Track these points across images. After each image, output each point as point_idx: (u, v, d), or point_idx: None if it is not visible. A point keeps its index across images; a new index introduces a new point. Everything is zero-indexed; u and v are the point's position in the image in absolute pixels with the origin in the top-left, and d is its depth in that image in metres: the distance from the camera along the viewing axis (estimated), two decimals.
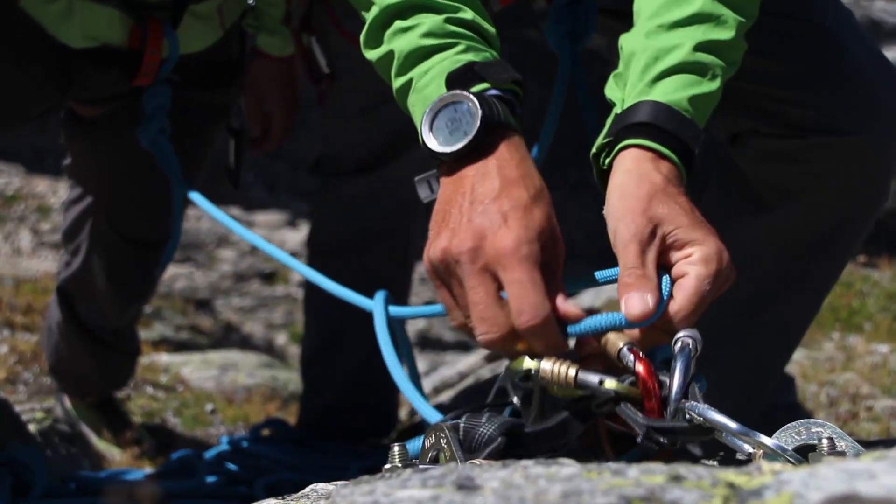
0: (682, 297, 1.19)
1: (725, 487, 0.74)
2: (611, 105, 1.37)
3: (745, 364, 2.02)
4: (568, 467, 0.82)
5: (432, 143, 1.27)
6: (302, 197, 5.67)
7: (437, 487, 0.78)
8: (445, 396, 3.27)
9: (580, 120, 1.75)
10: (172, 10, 2.15)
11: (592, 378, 1.17)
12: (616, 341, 1.19)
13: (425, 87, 1.32)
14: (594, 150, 1.34)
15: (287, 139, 2.68)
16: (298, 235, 5.24)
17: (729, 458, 1.36)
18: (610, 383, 1.16)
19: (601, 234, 1.28)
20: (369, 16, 1.40)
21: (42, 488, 2.25)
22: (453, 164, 1.26)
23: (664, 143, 1.26)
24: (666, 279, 1.21)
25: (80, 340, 2.81)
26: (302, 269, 2.02)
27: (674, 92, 1.30)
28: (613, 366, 1.19)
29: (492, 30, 1.37)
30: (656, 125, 1.27)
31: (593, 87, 1.75)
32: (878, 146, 1.77)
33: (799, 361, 3.87)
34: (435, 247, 1.22)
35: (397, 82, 1.36)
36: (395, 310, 1.67)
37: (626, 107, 1.31)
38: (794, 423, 1.12)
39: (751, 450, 1.08)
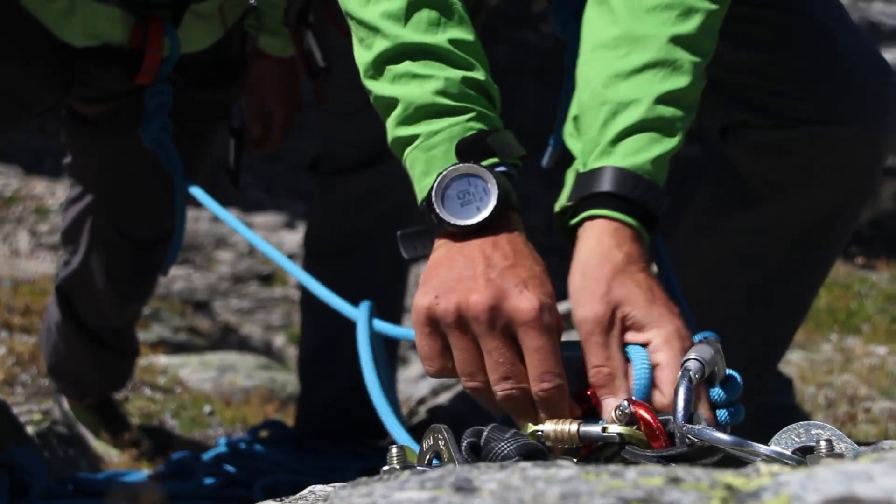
0: (666, 390, 1.20)
1: (723, 489, 0.74)
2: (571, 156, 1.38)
3: (740, 360, 2.02)
4: (566, 469, 0.82)
5: (442, 212, 1.26)
6: (300, 198, 5.67)
7: (435, 489, 0.78)
8: (444, 398, 3.27)
9: (549, 109, 1.75)
10: (174, 9, 2.16)
11: (595, 428, 1.18)
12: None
13: (431, 149, 1.30)
14: (557, 208, 1.35)
15: (287, 139, 2.68)
16: (296, 237, 5.24)
17: (720, 460, 1.36)
18: (613, 428, 1.16)
19: None
20: (375, 47, 1.35)
21: (40, 490, 2.25)
22: (459, 234, 1.27)
23: (628, 212, 1.27)
24: (641, 353, 1.22)
25: (79, 340, 2.81)
26: (292, 269, 2.02)
27: (635, 154, 1.30)
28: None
29: (497, 91, 1.35)
30: (619, 195, 1.28)
31: None
32: (870, 137, 1.79)
33: (797, 363, 3.87)
34: (447, 300, 1.22)
35: (399, 131, 1.33)
36: (378, 325, 1.66)
37: (587, 168, 1.32)
38: (793, 425, 1.12)
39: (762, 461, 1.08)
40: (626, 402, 1.18)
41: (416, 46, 1.32)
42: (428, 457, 1.19)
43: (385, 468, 1.14)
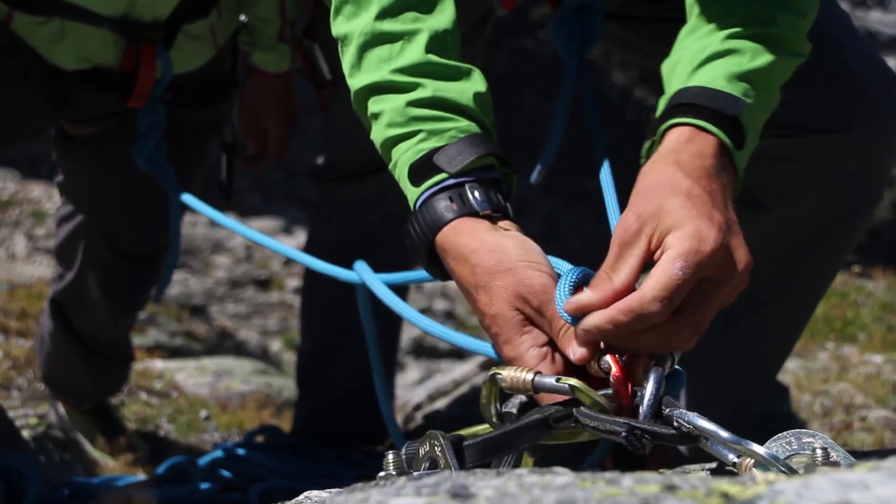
0: (650, 280, 1.17)
1: (719, 497, 0.74)
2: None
3: (739, 368, 2.03)
4: (562, 476, 0.82)
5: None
6: (297, 204, 5.68)
7: (431, 495, 0.78)
8: (441, 404, 3.27)
9: (576, 130, 1.76)
10: (166, 31, 2.15)
11: (549, 379, 1.17)
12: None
13: (400, 180, 1.36)
14: (643, 159, 1.36)
15: (283, 156, 2.67)
16: (294, 242, 5.24)
17: (716, 468, 1.36)
18: (567, 380, 1.16)
19: (596, 243, 1.28)
20: (353, 101, 1.43)
21: (35, 495, 2.25)
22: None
23: (697, 115, 1.29)
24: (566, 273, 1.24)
25: (73, 349, 2.80)
26: (296, 255, 2.04)
27: (709, 74, 1.34)
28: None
29: (459, 95, 1.36)
30: (689, 103, 1.30)
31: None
32: (873, 145, 1.79)
33: (793, 371, 3.87)
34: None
35: (391, 169, 1.39)
36: (383, 276, 1.68)
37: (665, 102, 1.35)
38: (784, 432, 1.12)
39: (735, 458, 1.07)
40: (608, 356, 1.17)
41: (369, 87, 1.39)
42: (424, 463, 1.19)
43: (381, 474, 1.14)
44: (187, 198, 2.20)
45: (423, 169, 1.32)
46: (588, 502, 0.73)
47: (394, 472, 1.14)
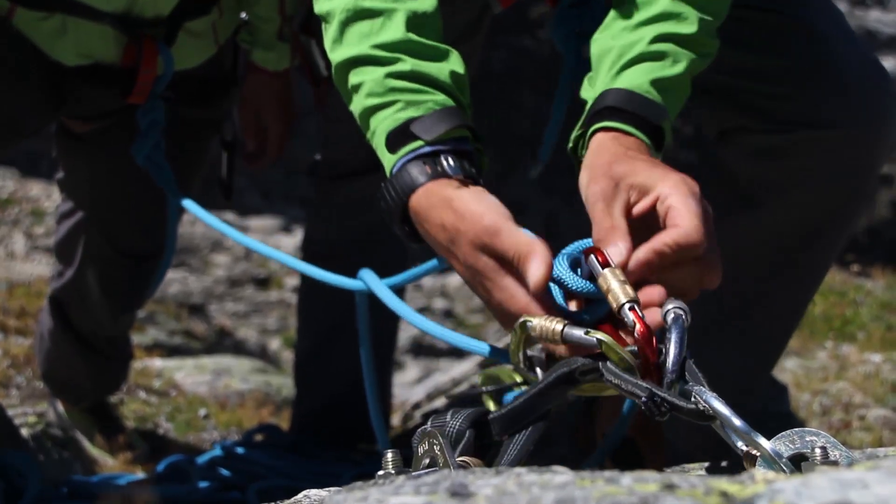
0: (680, 217, 1.22)
1: (718, 496, 0.74)
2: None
3: (733, 365, 2.03)
4: (561, 475, 0.82)
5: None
6: (296, 203, 5.67)
7: (430, 494, 0.78)
8: (440, 402, 3.27)
9: (572, 127, 1.76)
10: (167, 28, 2.15)
11: (578, 331, 1.17)
12: (619, 295, 1.18)
13: (377, 149, 1.41)
14: (570, 144, 1.43)
15: (282, 153, 2.67)
16: (293, 241, 5.24)
17: (715, 466, 1.36)
18: (597, 334, 1.15)
19: None
20: (334, 74, 1.47)
21: (34, 493, 2.24)
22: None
23: (626, 122, 1.36)
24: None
25: (72, 347, 2.80)
26: (293, 263, 2.04)
27: (635, 78, 1.40)
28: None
29: (437, 71, 1.41)
30: (618, 108, 1.37)
31: None
32: (865, 141, 1.80)
33: (792, 370, 3.87)
34: None
35: (369, 138, 1.44)
36: (387, 281, 1.69)
37: (594, 99, 1.41)
38: (787, 431, 1.11)
39: (744, 447, 1.08)
40: (627, 307, 1.16)
41: (349, 61, 1.43)
42: (423, 462, 1.19)
43: (380, 473, 1.14)
44: (187, 203, 2.20)
45: (400, 136, 1.37)
46: (587, 501, 0.73)
47: (392, 471, 1.14)
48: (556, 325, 1.18)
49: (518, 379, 1.30)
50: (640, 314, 1.16)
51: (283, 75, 2.53)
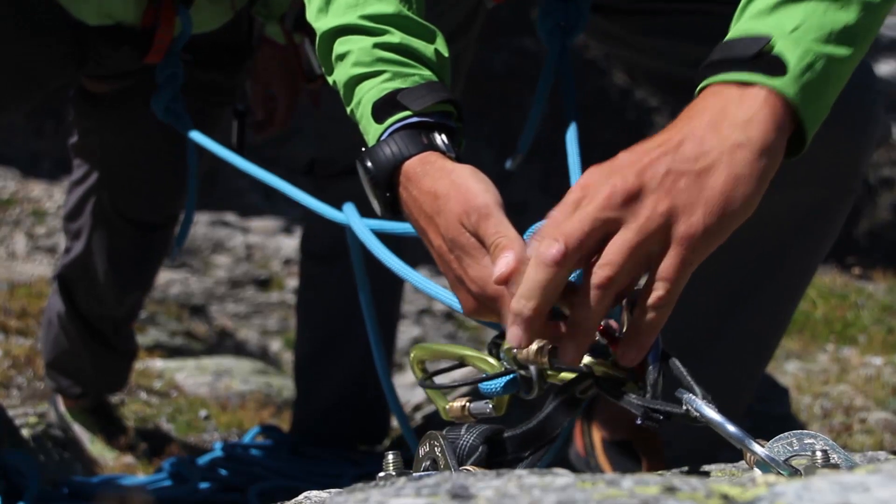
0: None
1: (719, 499, 0.74)
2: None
3: (724, 364, 2.03)
4: (562, 477, 0.82)
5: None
6: (297, 203, 5.67)
7: (431, 496, 0.78)
8: None
9: (546, 119, 1.76)
10: None
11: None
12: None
13: (362, 118, 1.39)
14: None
15: (284, 145, 2.71)
16: (294, 241, 5.24)
17: (715, 468, 1.36)
18: (584, 359, 1.15)
19: None
20: (317, 45, 1.45)
21: (35, 493, 2.25)
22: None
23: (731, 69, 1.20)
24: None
25: (78, 333, 2.83)
26: (286, 189, 2.03)
27: (751, 19, 1.23)
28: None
29: (424, 48, 1.40)
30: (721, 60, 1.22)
31: (591, 96, 1.76)
32: (849, 138, 1.81)
33: (793, 373, 3.87)
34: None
35: (349, 111, 1.42)
36: (370, 222, 1.66)
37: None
38: (786, 433, 1.11)
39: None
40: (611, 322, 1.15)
41: (335, 30, 1.42)
42: (424, 464, 1.19)
43: (381, 474, 1.14)
44: (195, 135, 2.23)
45: (387, 106, 1.36)
46: (588, 503, 0.73)
47: (393, 473, 1.14)
48: (544, 358, 1.16)
49: (492, 362, 1.28)
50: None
51: (292, 48, 2.59)
